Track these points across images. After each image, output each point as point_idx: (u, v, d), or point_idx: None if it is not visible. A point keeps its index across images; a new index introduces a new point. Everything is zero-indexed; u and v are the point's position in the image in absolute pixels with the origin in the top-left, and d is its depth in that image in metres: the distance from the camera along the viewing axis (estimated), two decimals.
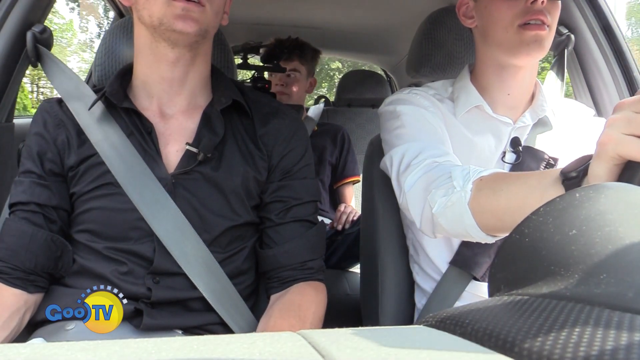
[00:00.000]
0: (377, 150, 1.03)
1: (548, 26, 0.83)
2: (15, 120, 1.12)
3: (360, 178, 1.85)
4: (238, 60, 1.80)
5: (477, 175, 0.72)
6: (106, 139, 0.83)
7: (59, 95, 0.90)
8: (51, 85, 0.97)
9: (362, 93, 2.41)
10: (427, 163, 0.81)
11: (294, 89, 1.90)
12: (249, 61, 1.85)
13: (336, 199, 1.98)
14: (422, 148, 0.84)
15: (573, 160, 0.58)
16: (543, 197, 0.59)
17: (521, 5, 0.83)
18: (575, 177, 0.56)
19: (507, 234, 0.62)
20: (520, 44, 0.84)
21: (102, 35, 1.08)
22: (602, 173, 0.52)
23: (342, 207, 1.81)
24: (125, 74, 0.89)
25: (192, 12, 0.76)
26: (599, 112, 1.16)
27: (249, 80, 1.89)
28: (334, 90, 3.27)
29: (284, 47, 1.86)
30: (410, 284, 1.04)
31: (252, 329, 0.84)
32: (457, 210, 0.71)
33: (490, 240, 0.73)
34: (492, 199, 0.67)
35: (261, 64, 1.91)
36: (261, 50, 1.89)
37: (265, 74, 1.92)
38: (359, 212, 1.58)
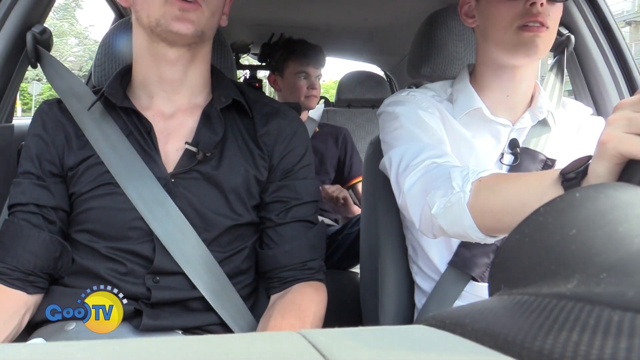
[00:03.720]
0: (377, 151, 1.03)
1: (547, 28, 0.83)
2: (15, 121, 1.12)
3: None
4: None
5: (476, 176, 0.71)
6: (105, 139, 0.83)
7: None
8: None
9: (362, 93, 2.41)
10: (426, 164, 0.80)
11: (319, 91, 1.98)
12: (240, 61, 1.86)
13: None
14: (421, 149, 0.84)
15: (572, 161, 0.58)
16: (542, 198, 0.58)
17: (520, 6, 0.83)
18: (574, 178, 0.56)
19: (506, 235, 0.62)
20: (518, 45, 0.84)
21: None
22: (603, 172, 0.51)
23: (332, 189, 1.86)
24: (125, 74, 0.89)
25: (189, 13, 0.76)
26: (599, 112, 1.16)
27: (239, 79, 1.91)
28: None
29: (275, 46, 1.88)
30: (410, 284, 1.04)
31: (252, 329, 0.84)
32: (456, 211, 0.71)
33: (490, 240, 0.73)
34: (491, 200, 0.67)
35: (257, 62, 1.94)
36: (250, 49, 1.91)
37: (266, 76, 1.95)
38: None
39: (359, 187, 1.96)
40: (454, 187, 0.72)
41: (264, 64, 1.91)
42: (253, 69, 1.90)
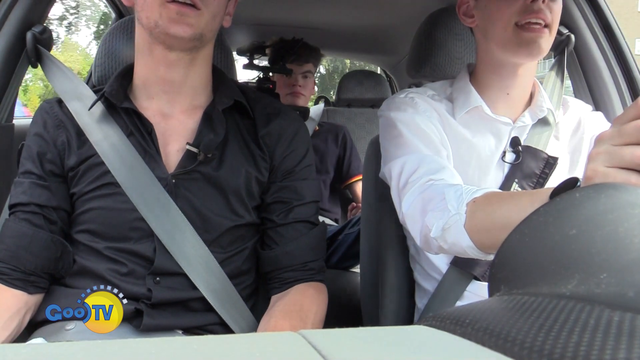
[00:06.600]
0: (377, 151, 1.03)
1: (548, 26, 0.83)
2: (15, 121, 1.12)
3: None
4: (244, 61, 1.83)
5: (470, 196, 0.72)
6: (106, 139, 0.82)
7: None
8: None
9: (362, 93, 2.41)
10: (422, 182, 0.81)
11: (309, 89, 1.97)
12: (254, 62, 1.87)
13: (346, 197, 2.03)
14: (420, 162, 0.84)
15: (561, 182, 0.58)
16: None
17: (520, 3, 0.83)
18: None
19: None
20: (519, 45, 0.84)
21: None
22: None
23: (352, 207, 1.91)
24: (126, 74, 0.89)
25: (186, 17, 0.76)
26: (599, 111, 1.16)
27: (254, 80, 1.91)
28: None
29: (292, 49, 1.88)
30: (410, 284, 1.04)
31: (253, 329, 0.84)
32: (454, 233, 0.72)
33: (490, 257, 0.73)
34: (486, 222, 0.68)
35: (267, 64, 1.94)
36: (267, 51, 1.91)
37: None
38: None
39: (357, 186, 1.97)
40: (449, 209, 0.73)
41: (276, 66, 1.92)
42: (265, 70, 1.90)
